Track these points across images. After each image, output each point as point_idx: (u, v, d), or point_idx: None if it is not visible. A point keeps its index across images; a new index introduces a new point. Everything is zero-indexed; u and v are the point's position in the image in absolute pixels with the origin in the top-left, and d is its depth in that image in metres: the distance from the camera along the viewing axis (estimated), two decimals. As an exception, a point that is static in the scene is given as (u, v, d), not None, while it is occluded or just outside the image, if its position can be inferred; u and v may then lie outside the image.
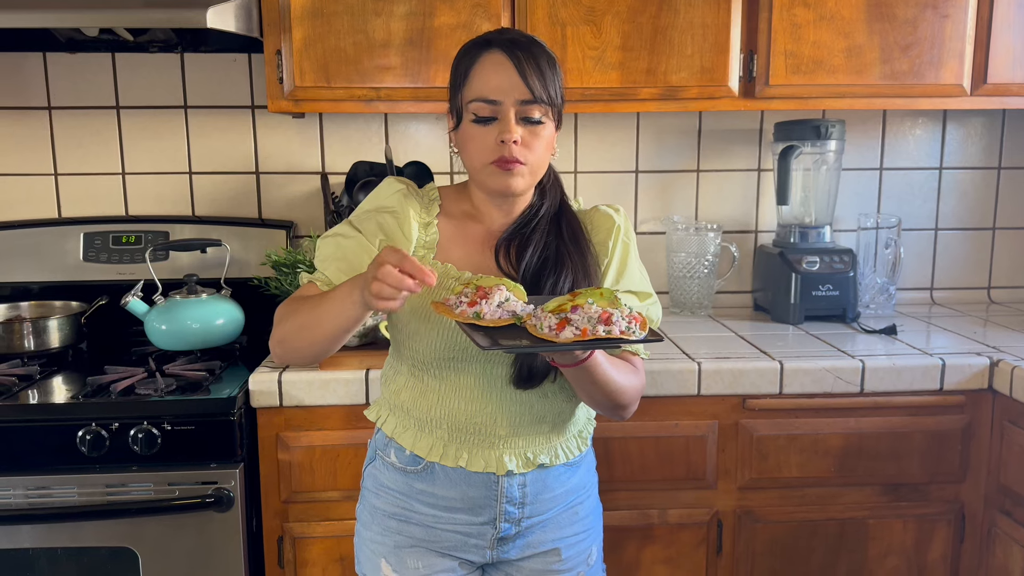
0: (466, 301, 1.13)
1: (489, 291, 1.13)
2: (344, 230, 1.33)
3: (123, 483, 1.67)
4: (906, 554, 1.89)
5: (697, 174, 2.43)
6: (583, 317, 1.09)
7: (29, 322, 2.01)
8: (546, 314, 1.11)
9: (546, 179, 1.37)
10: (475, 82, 1.26)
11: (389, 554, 1.36)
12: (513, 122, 1.24)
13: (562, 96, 1.30)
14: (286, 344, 1.26)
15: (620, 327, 1.09)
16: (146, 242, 2.21)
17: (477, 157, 1.27)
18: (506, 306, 1.13)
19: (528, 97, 1.24)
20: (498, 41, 1.26)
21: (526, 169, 1.27)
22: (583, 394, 1.29)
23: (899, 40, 2.02)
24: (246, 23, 1.90)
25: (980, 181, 2.49)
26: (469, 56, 1.28)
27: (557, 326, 1.09)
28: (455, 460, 1.31)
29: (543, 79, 1.25)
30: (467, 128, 1.28)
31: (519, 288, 1.17)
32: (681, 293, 2.33)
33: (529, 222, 1.34)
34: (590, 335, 1.07)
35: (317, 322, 1.21)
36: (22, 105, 2.28)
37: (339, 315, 1.18)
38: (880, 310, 2.35)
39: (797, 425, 1.82)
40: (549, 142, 1.30)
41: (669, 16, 1.97)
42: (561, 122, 1.32)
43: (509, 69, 1.24)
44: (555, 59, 1.29)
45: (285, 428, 1.76)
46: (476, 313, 1.11)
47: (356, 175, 2.07)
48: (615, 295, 1.14)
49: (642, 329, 1.11)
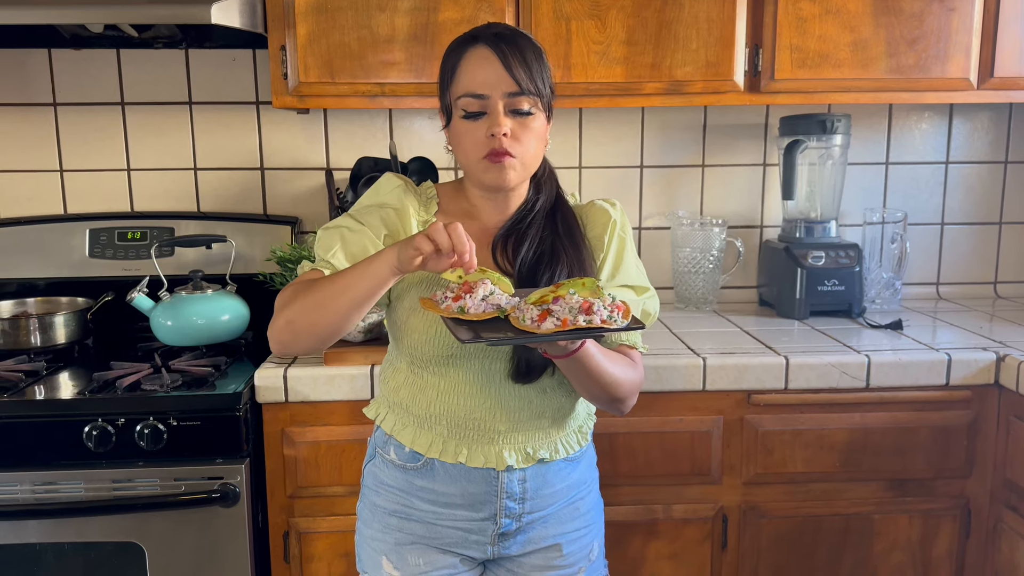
0: (451, 296, 1.13)
1: (474, 285, 1.14)
2: (348, 223, 1.32)
3: (129, 478, 1.68)
4: (911, 549, 1.89)
5: (702, 169, 2.42)
6: (564, 307, 1.09)
7: (35, 318, 2.02)
8: (528, 306, 1.11)
9: (540, 172, 1.37)
10: (462, 78, 1.26)
11: (390, 551, 1.36)
12: (502, 115, 1.24)
13: (551, 87, 1.30)
14: (295, 325, 1.21)
15: (601, 316, 1.08)
16: (151, 238, 2.22)
17: (469, 153, 1.27)
18: (491, 299, 1.13)
19: (515, 89, 1.24)
20: (483, 36, 1.26)
21: (517, 162, 1.26)
22: (578, 386, 1.29)
23: (905, 34, 2.01)
24: (250, 19, 1.90)
25: (987, 175, 2.48)
26: (456, 53, 1.28)
27: (539, 317, 1.09)
28: (455, 456, 1.31)
29: (529, 70, 1.25)
30: (457, 124, 1.28)
31: (504, 281, 1.17)
32: (686, 288, 2.32)
33: (524, 217, 1.34)
34: (570, 325, 1.07)
35: (338, 293, 1.17)
36: (27, 102, 2.28)
37: (364, 279, 1.16)
38: (886, 305, 2.34)
39: (802, 420, 1.82)
40: (540, 134, 1.29)
41: (674, 10, 1.97)
42: (551, 113, 1.32)
43: (495, 63, 1.24)
44: (541, 51, 1.29)
45: (290, 423, 1.76)
46: (461, 307, 1.12)
47: (361, 171, 2.07)
48: (597, 285, 1.13)
49: (624, 317, 1.11)
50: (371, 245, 1.30)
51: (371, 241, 1.30)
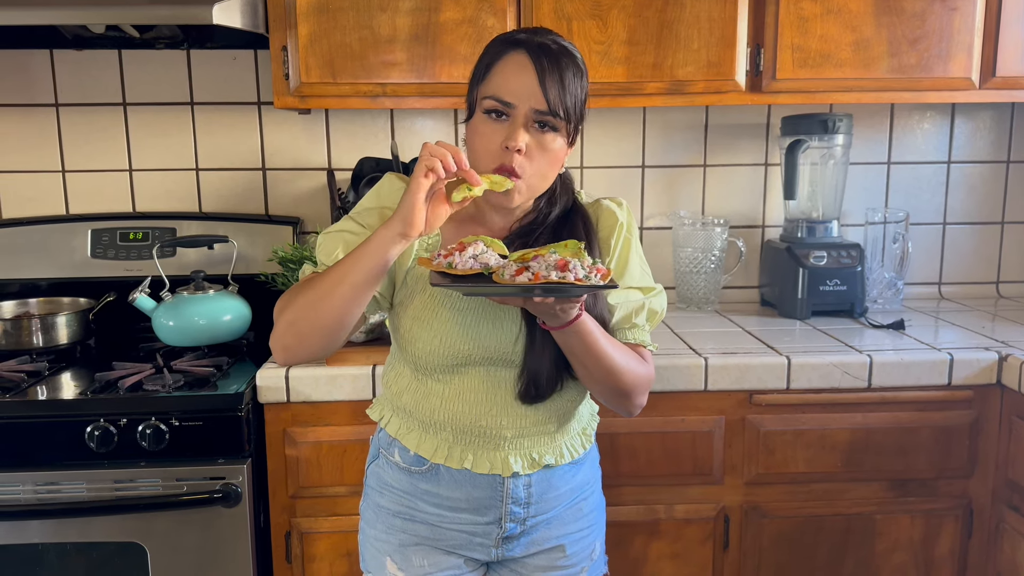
0: (443, 253, 1.15)
1: (466, 245, 1.15)
2: (348, 225, 1.31)
3: (131, 479, 1.68)
4: (913, 549, 1.89)
5: (704, 169, 2.42)
6: (541, 264, 1.09)
7: (37, 318, 2.02)
8: (509, 263, 1.12)
9: (555, 187, 1.32)
10: (494, 79, 1.22)
11: (394, 552, 1.36)
12: (521, 130, 1.20)
13: (582, 112, 1.24)
14: (297, 326, 1.19)
15: (577, 275, 1.07)
16: (153, 238, 2.22)
17: (481, 157, 1.23)
18: (480, 258, 1.14)
19: (543, 108, 1.20)
20: (528, 43, 1.21)
21: (523, 184, 1.23)
22: (580, 369, 1.26)
23: (907, 33, 2.01)
24: (252, 19, 1.90)
25: (989, 175, 2.47)
26: (495, 51, 1.24)
27: (516, 272, 1.09)
28: (460, 462, 1.31)
29: (563, 91, 1.20)
30: (477, 122, 1.25)
31: (498, 243, 1.17)
32: (687, 288, 2.32)
33: (533, 231, 1.31)
34: (542, 280, 1.07)
35: (338, 280, 1.16)
36: (29, 102, 2.29)
37: (364, 259, 1.15)
38: (888, 305, 2.34)
39: (804, 420, 1.82)
40: (556, 156, 1.24)
41: (675, 10, 1.97)
42: (575, 140, 1.27)
43: (531, 74, 1.19)
44: (583, 72, 1.24)
45: (292, 424, 1.76)
46: (449, 263, 1.14)
47: (362, 171, 2.08)
48: (580, 247, 1.12)
49: (603, 280, 1.10)
50: None
51: None
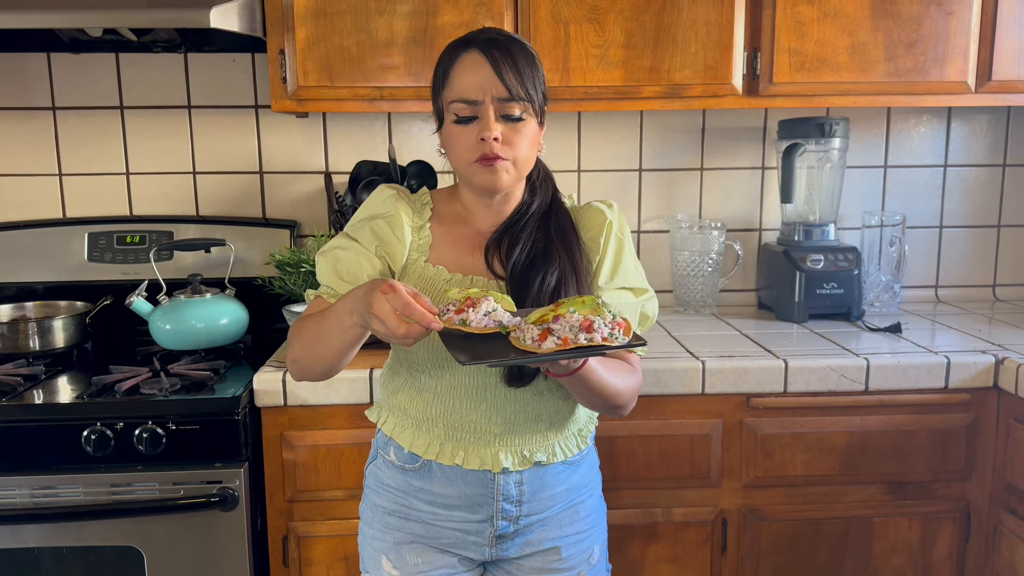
0: (453, 309, 1.13)
1: (477, 300, 1.14)
2: (341, 243, 1.35)
3: (128, 482, 1.68)
4: (911, 552, 1.89)
5: (701, 172, 2.42)
6: (564, 326, 1.09)
7: (34, 322, 2.02)
8: (528, 325, 1.11)
9: (535, 175, 1.37)
10: (454, 83, 1.27)
11: (389, 550, 1.37)
12: (493, 120, 1.25)
13: (544, 93, 1.30)
14: (299, 363, 1.29)
15: (602, 334, 1.08)
16: (150, 242, 2.22)
17: (460, 156, 1.28)
18: (493, 316, 1.13)
19: (505, 95, 1.24)
20: (476, 41, 1.27)
21: (509, 164, 1.27)
22: (580, 399, 1.30)
23: (903, 37, 2.01)
24: (249, 23, 1.90)
25: (985, 178, 2.48)
26: (448, 57, 1.29)
27: (539, 337, 1.09)
28: (452, 458, 1.32)
29: (520, 76, 1.25)
30: (449, 129, 1.29)
31: (507, 299, 1.17)
32: (685, 291, 2.32)
33: (518, 221, 1.34)
34: (571, 344, 1.07)
35: (322, 337, 1.22)
36: (26, 105, 2.28)
37: (341, 334, 1.19)
38: (885, 308, 2.34)
39: (802, 423, 1.82)
40: (532, 139, 1.29)
41: (672, 14, 1.97)
42: (544, 118, 1.32)
43: (486, 68, 1.25)
44: (535, 56, 1.30)
45: (289, 427, 1.76)
46: (463, 320, 1.12)
47: (360, 174, 2.07)
48: (597, 302, 1.13)
49: (626, 334, 1.11)
50: (365, 260, 1.32)
51: (364, 256, 1.32)
